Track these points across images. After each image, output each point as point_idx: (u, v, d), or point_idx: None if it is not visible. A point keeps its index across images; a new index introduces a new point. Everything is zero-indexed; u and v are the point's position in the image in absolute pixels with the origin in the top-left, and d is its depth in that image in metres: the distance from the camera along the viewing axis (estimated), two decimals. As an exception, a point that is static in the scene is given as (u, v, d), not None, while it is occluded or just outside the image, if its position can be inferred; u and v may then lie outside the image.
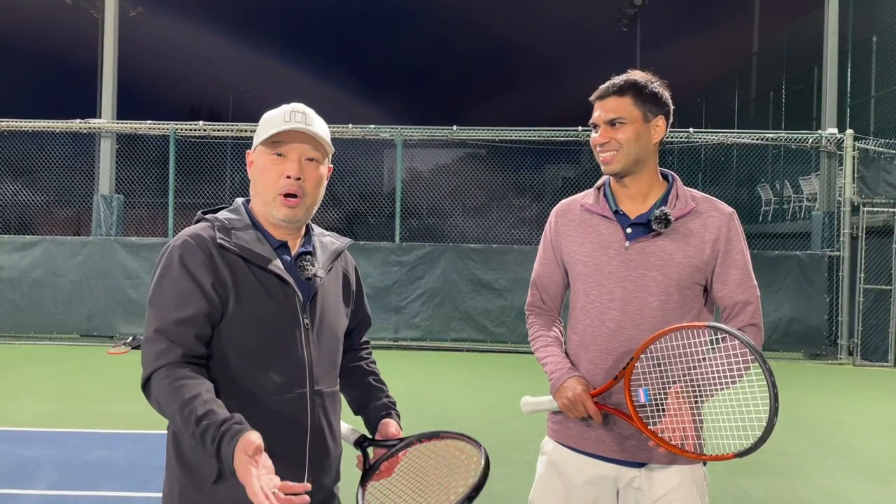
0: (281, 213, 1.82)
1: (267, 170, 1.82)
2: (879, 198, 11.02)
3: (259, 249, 1.81)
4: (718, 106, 24.09)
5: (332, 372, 1.92)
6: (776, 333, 11.08)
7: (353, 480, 1.94)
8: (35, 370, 9.21)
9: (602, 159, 2.21)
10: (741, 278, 2.17)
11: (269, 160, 1.82)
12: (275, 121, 1.84)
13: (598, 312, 2.20)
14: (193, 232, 1.81)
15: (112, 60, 13.37)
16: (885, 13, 13.36)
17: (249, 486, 1.47)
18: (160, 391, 1.67)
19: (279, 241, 1.87)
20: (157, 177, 13.41)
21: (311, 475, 1.82)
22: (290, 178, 1.80)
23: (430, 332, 11.61)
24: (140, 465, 5.17)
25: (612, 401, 2.14)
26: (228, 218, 1.85)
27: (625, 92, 2.16)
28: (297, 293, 1.82)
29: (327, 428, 1.88)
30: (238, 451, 1.52)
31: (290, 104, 1.88)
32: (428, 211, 15.59)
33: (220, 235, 1.79)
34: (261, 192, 1.84)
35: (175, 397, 1.63)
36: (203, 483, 1.74)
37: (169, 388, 1.65)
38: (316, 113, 1.91)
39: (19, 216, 13.31)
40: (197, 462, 1.75)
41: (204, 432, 1.57)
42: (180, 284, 1.73)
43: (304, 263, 1.86)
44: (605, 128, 2.18)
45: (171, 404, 1.64)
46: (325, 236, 2.00)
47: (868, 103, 14.07)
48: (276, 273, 1.80)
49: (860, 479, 5.41)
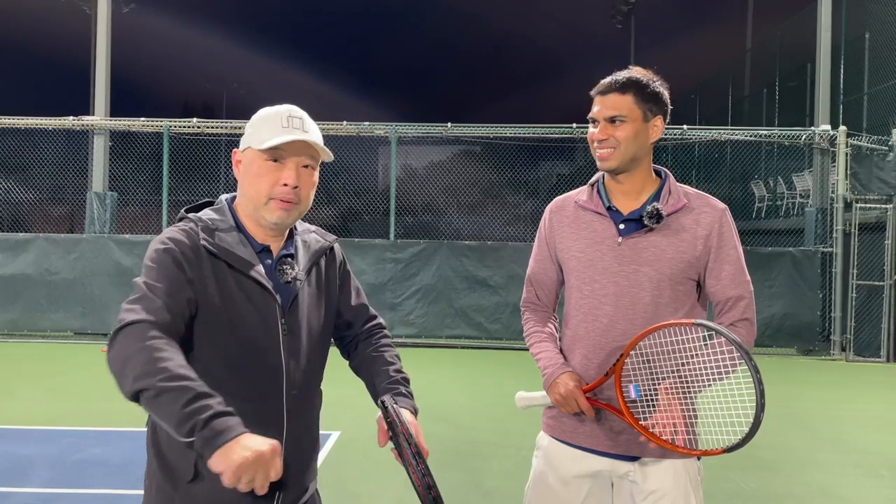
0: (274, 216, 1.80)
1: (262, 175, 1.80)
2: (872, 194, 11.07)
3: (241, 253, 1.79)
4: (712, 103, 24.14)
5: (311, 377, 1.90)
6: (769, 329, 11.14)
7: (345, 477, 1.93)
8: (29, 368, 9.19)
9: (599, 155, 2.21)
10: (734, 273, 2.19)
11: (264, 166, 1.80)
12: (271, 126, 1.81)
13: (591, 308, 2.22)
14: (178, 229, 1.79)
15: (105, 57, 13.32)
16: (878, 10, 13.41)
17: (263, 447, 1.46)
18: (130, 343, 1.57)
19: (262, 244, 1.85)
20: (151, 174, 13.38)
21: (286, 474, 1.78)
22: (288, 185, 1.79)
23: (425, 329, 11.63)
24: (134, 462, 5.16)
25: (603, 396, 2.15)
26: (212, 218, 1.83)
27: (627, 90, 2.16)
28: (277, 299, 1.80)
29: (304, 432, 1.87)
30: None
31: (285, 107, 1.85)
32: (423, 208, 15.60)
33: (204, 236, 1.77)
34: (252, 196, 1.82)
35: (149, 358, 1.53)
36: (178, 481, 1.74)
37: (146, 345, 1.55)
38: (307, 113, 1.89)
39: (12, 214, 13.25)
40: (174, 460, 1.74)
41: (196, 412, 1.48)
42: (169, 270, 1.71)
43: (284, 267, 1.84)
44: (604, 124, 2.18)
45: (140, 362, 1.54)
46: (309, 233, 1.98)
47: (861, 100, 14.13)
48: (255, 279, 1.78)
49: (853, 473, 5.44)
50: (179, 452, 1.73)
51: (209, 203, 1.93)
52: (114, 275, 11.46)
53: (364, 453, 5.40)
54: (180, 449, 1.72)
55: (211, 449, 1.45)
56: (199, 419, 1.46)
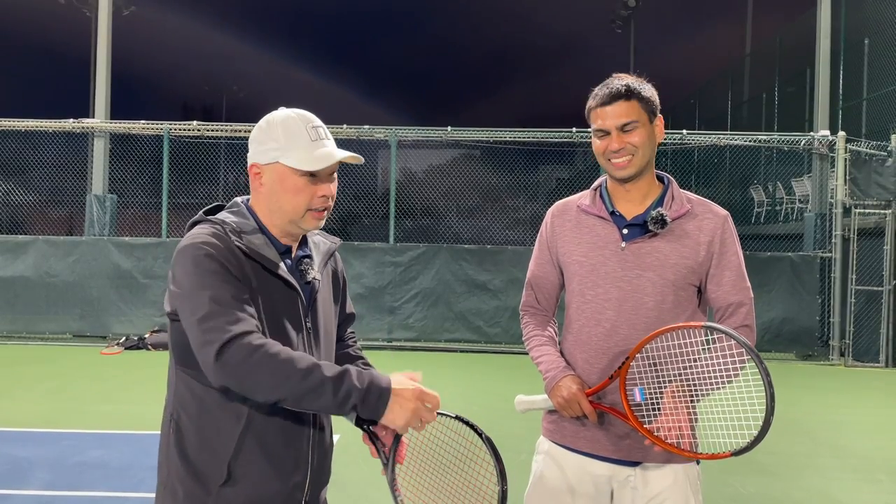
0: (311, 224, 1.84)
1: (299, 191, 1.80)
2: (871, 199, 11.08)
3: (269, 254, 1.81)
4: (711, 107, 24.19)
5: None
6: (768, 334, 11.14)
7: (344, 481, 1.95)
8: (28, 370, 9.18)
9: (616, 165, 2.18)
10: (735, 280, 2.19)
11: (301, 182, 1.80)
12: (299, 141, 1.80)
13: (593, 312, 2.22)
14: (209, 233, 1.77)
15: (105, 59, 13.34)
16: (877, 15, 13.44)
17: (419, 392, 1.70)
18: (257, 362, 1.59)
19: (284, 245, 1.88)
20: (151, 177, 13.38)
21: (312, 475, 1.85)
22: (326, 197, 1.83)
23: (425, 332, 11.62)
24: (134, 465, 5.16)
25: (606, 400, 2.16)
26: (235, 221, 1.84)
27: (631, 95, 2.17)
28: (301, 297, 1.84)
29: (327, 427, 1.92)
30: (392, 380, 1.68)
31: (300, 114, 1.85)
32: (422, 211, 15.60)
33: (235, 238, 1.77)
34: (288, 210, 1.82)
35: (289, 365, 1.60)
36: (211, 485, 1.74)
37: (273, 359, 1.60)
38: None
39: (12, 216, 13.25)
40: (203, 463, 1.74)
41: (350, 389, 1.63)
42: (221, 274, 1.69)
43: (305, 267, 1.88)
44: (617, 133, 2.16)
45: (283, 374, 1.59)
46: (315, 236, 2.01)
47: (860, 105, 14.16)
48: (283, 277, 1.81)
49: (851, 478, 5.45)
50: (210, 455, 1.74)
51: (220, 207, 1.93)
52: (113, 277, 11.46)
53: (363, 457, 5.38)
54: (211, 451, 1.74)
55: (380, 412, 1.65)
56: (354, 400, 1.62)
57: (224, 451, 1.73)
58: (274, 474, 1.76)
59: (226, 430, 1.73)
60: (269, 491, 1.76)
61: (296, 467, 1.79)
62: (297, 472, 1.80)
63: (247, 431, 1.73)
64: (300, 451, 1.81)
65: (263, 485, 1.75)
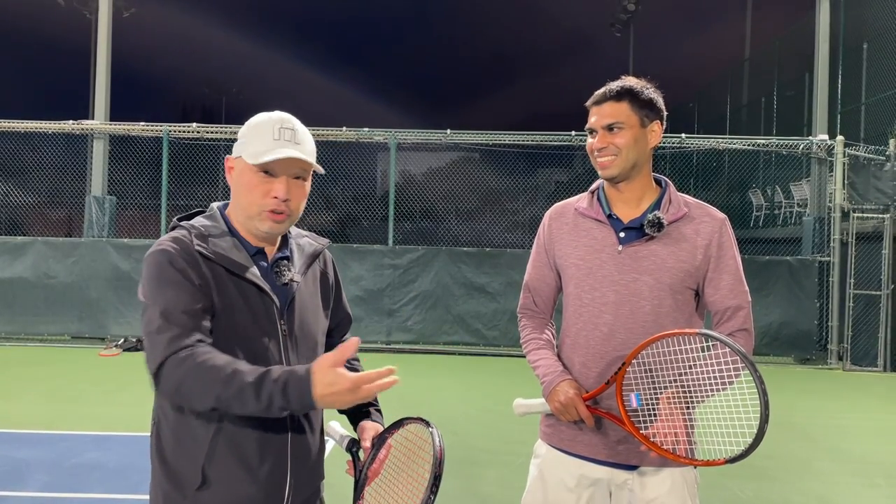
0: (265, 226, 1.82)
1: (253, 186, 1.80)
2: (869, 204, 11.11)
3: (236, 257, 1.80)
4: (710, 111, 24.20)
5: None
6: (766, 338, 11.14)
7: (341, 481, 1.95)
8: (26, 372, 9.16)
9: (599, 164, 2.22)
10: (733, 283, 2.19)
11: (255, 178, 1.80)
12: (263, 137, 1.80)
13: (590, 316, 2.22)
14: (173, 237, 1.79)
15: (105, 61, 13.34)
16: (876, 20, 13.47)
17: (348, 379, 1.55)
18: (185, 373, 1.61)
19: (256, 247, 1.86)
20: (150, 178, 13.37)
21: (293, 478, 1.82)
22: (279, 198, 1.80)
23: (423, 335, 11.61)
24: (131, 467, 5.15)
25: (603, 405, 2.15)
26: (204, 225, 1.83)
27: (622, 97, 2.19)
28: (274, 300, 1.81)
29: (308, 428, 1.88)
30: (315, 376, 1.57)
31: (277, 115, 1.85)
32: (421, 214, 15.59)
33: (198, 242, 1.77)
34: (244, 206, 1.82)
35: (213, 375, 1.59)
36: (187, 489, 1.74)
37: (198, 368, 1.60)
38: (306, 118, 1.91)
39: (11, 217, 13.24)
40: (180, 467, 1.75)
41: (268, 390, 1.58)
42: (177, 283, 1.71)
43: (281, 269, 1.86)
44: (602, 132, 2.20)
45: (207, 382, 1.59)
46: (302, 237, 2.00)
47: (858, 110, 14.18)
48: (252, 281, 1.79)
49: (850, 482, 5.44)
50: (186, 459, 1.74)
51: (201, 212, 1.93)
52: (112, 279, 11.45)
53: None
54: (187, 455, 1.74)
55: (308, 404, 1.57)
56: (278, 401, 1.56)
57: (198, 455, 1.73)
58: (248, 478, 1.75)
59: (199, 435, 1.73)
60: (245, 494, 1.75)
61: (273, 470, 1.77)
62: (275, 475, 1.78)
63: (218, 435, 1.73)
64: (278, 454, 1.79)
65: (238, 489, 1.74)
